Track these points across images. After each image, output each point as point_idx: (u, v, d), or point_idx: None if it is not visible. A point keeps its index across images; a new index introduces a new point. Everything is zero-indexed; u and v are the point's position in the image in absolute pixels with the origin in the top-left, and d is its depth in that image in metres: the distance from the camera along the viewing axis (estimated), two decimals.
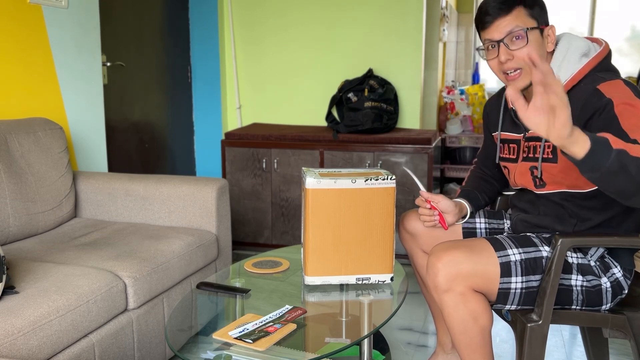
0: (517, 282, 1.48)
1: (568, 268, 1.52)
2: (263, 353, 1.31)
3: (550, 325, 1.53)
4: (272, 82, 3.80)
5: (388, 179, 1.62)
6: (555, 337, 2.36)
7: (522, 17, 1.50)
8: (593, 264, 1.55)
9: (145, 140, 3.42)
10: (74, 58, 2.66)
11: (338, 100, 3.51)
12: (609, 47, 1.57)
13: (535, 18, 1.51)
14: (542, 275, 1.49)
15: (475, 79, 5.67)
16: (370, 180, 1.61)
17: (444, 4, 4.33)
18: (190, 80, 3.82)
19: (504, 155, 1.73)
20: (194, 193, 2.34)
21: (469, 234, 1.80)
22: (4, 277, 1.52)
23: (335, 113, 3.59)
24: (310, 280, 1.63)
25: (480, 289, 1.49)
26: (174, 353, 1.37)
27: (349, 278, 1.65)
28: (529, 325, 1.48)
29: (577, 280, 1.52)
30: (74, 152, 2.69)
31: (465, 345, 1.53)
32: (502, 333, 2.40)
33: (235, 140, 3.45)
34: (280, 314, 1.48)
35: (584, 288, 1.52)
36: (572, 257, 1.54)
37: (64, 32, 2.59)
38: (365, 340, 1.59)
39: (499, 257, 1.48)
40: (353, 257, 1.63)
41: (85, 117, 2.75)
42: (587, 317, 1.55)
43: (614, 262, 1.56)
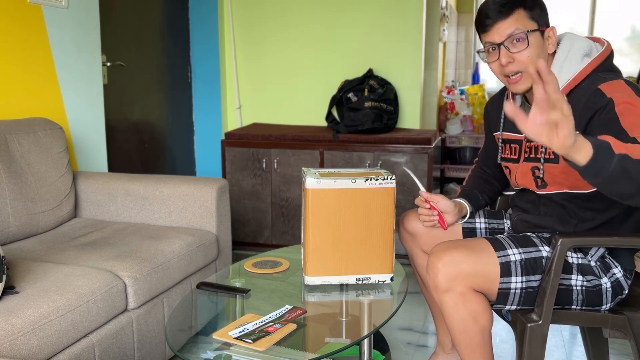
0: (517, 282, 1.48)
1: (568, 268, 1.52)
2: (263, 353, 1.31)
3: (550, 325, 1.53)
4: (272, 82, 3.79)
5: (388, 179, 1.62)
6: (555, 337, 2.36)
7: (522, 19, 1.49)
8: (593, 264, 1.55)
9: (145, 140, 3.42)
10: (74, 58, 2.66)
11: (338, 100, 3.51)
12: (611, 47, 1.56)
13: (536, 20, 1.50)
14: (542, 275, 1.49)
15: (475, 79, 5.67)
16: (370, 180, 1.61)
17: (444, 4, 4.33)
18: (190, 80, 3.82)
19: (505, 156, 1.72)
20: (194, 193, 2.34)
21: (469, 234, 1.80)
22: (4, 277, 1.52)
23: (335, 113, 3.58)
24: (310, 280, 1.63)
25: (480, 289, 1.49)
26: (174, 353, 1.37)
27: (349, 278, 1.65)
28: (529, 325, 1.48)
29: (577, 280, 1.52)
30: (74, 152, 2.69)
31: (465, 345, 1.53)
32: (502, 333, 2.40)
33: (235, 140, 3.45)
34: (280, 314, 1.48)
35: (584, 288, 1.52)
36: (572, 257, 1.54)
37: (64, 32, 2.59)
38: (365, 340, 1.59)
39: (499, 257, 1.48)
40: (353, 257, 1.63)
41: (85, 117, 2.75)
42: (587, 317, 1.55)
43: (615, 262, 1.56)
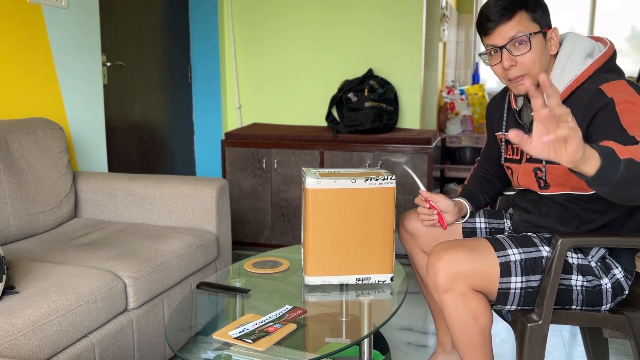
0: (516, 282, 1.48)
1: (568, 268, 1.52)
2: (263, 353, 1.31)
3: (550, 325, 1.53)
4: (272, 82, 3.79)
5: (388, 179, 1.62)
6: (555, 337, 2.36)
7: (524, 22, 1.48)
8: (594, 265, 1.54)
9: (145, 140, 3.42)
10: (74, 58, 2.66)
11: (338, 100, 3.50)
12: (614, 47, 1.54)
13: (538, 22, 1.49)
14: (542, 275, 1.49)
15: (475, 79, 5.67)
16: (370, 180, 1.61)
17: (444, 4, 4.33)
18: (190, 80, 3.81)
19: (508, 156, 1.71)
20: (194, 193, 2.34)
21: (469, 234, 1.80)
22: (4, 277, 1.52)
23: (335, 113, 3.58)
24: (310, 280, 1.63)
25: (480, 289, 1.49)
26: (174, 353, 1.37)
27: (349, 278, 1.65)
28: (529, 325, 1.48)
29: (577, 281, 1.52)
30: (74, 152, 2.69)
31: (465, 345, 1.53)
32: (502, 333, 2.40)
33: (235, 140, 3.45)
34: (280, 314, 1.48)
35: (584, 288, 1.52)
36: (572, 257, 1.53)
37: (64, 32, 2.59)
38: (365, 340, 1.59)
39: (499, 257, 1.48)
40: (353, 257, 1.63)
41: (85, 117, 2.75)
42: (587, 317, 1.55)
43: (615, 262, 1.55)
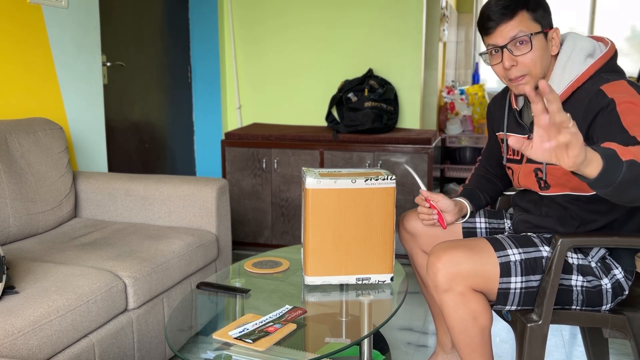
0: (516, 282, 1.48)
1: (568, 268, 1.51)
2: (263, 353, 1.31)
3: (550, 325, 1.53)
4: (272, 82, 3.79)
5: (388, 179, 1.62)
6: (555, 337, 2.36)
7: (525, 21, 1.47)
8: (594, 265, 1.54)
9: (145, 140, 3.42)
10: (74, 58, 2.66)
11: (338, 100, 3.50)
12: (615, 47, 1.54)
13: (539, 22, 1.49)
14: (542, 275, 1.49)
15: (475, 79, 5.67)
16: (370, 180, 1.61)
17: (444, 4, 4.33)
18: (190, 80, 3.81)
19: (508, 156, 1.71)
20: (194, 193, 2.34)
21: (469, 234, 1.80)
22: (4, 277, 1.52)
23: (335, 113, 3.58)
24: (310, 280, 1.63)
25: (480, 289, 1.49)
26: (174, 353, 1.37)
27: (349, 278, 1.65)
28: (529, 325, 1.48)
29: (577, 281, 1.52)
30: (74, 152, 2.69)
31: (465, 345, 1.53)
32: (502, 333, 2.40)
33: (235, 140, 3.45)
34: (280, 314, 1.48)
35: (584, 288, 1.52)
36: (572, 257, 1.53)
37: (64, 32, 2.59)
38: (365, 340, 1.59)
39: (499, 257, 1.48)
40: (353, 257, 1.63)
41: (85, 117, 2.75)
42: (587, 317, 1.55)
43: (615, 263, 1.55)
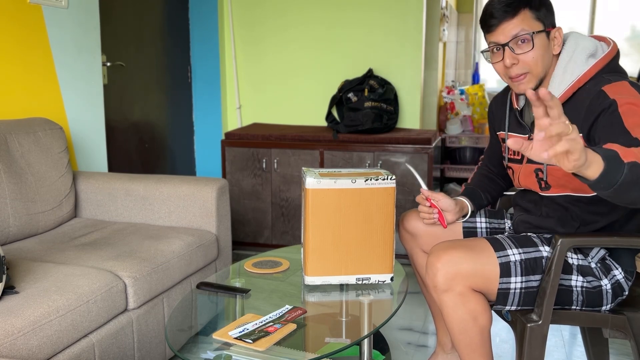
0: (516, 282, 1.48)
1: (568, 269, 1.51)
2: (263, 353, 1.31)
3: (550, 325, 1.53)
4: (272, 82, 3.79)
5: (388, 179, 1.62)
6: (555, 337, 2.36)
7: (528, 20, 1.47)
8: (594, 266, 1.54)
9: (145, 140, 3.42)
10: (74, 58, 2.66)
11: (338, 100, 3.50)
12: (617, 47, 1.53)
13: (542, 20, 1.49)
14: (542, 276, 1.49)
15: (475, 79, 5.67)
16: (370, 180, 1.61)
17: (444, 4, 4.33)
18: (190, 80, 3.81)
19: (509, 156, 1.71)
20: (194, 193, 2.34)
21: (469, 234, 1.80)
22: (4, 277, 1.52)
23: (335, 113, 3.58)
24: (310, 280, 1.63)
25: (480, 289, 1.49)
26: (174, 353, 1.37)
27: (349, 278, 1.65)
28: (529, 325, 1.48)
29: (577, 281, 1.52)
30: (74, 152, 2.69)
31: (465, 345, 1.53)
32: (502, 333, 2.40)
33: (235, 140, 3.45)
34: (280, 314, 1.48)
35: (584, 289, 1.52)
36: (572, 258, 1.53)
37: (64, 32, 2.59)
38: (365, 340, 1.59)
39: (499, 257, 1.48)
40: (353, 257, 1.63)
41: (85, 117, 2.75)
42: (587, 317, 1.55)
43: (615, 263, 1.55)
